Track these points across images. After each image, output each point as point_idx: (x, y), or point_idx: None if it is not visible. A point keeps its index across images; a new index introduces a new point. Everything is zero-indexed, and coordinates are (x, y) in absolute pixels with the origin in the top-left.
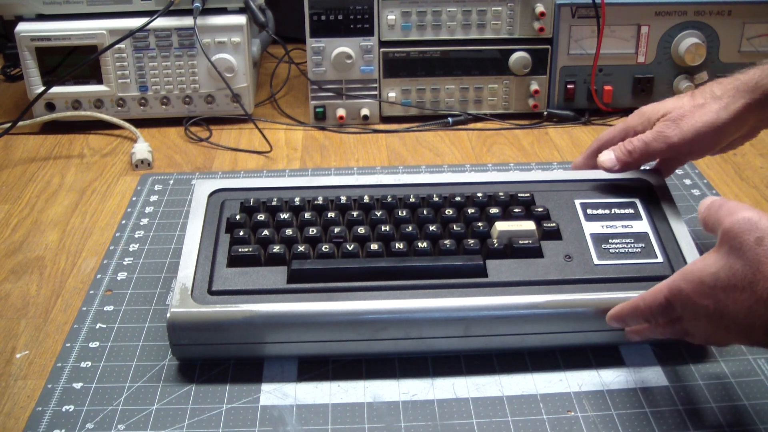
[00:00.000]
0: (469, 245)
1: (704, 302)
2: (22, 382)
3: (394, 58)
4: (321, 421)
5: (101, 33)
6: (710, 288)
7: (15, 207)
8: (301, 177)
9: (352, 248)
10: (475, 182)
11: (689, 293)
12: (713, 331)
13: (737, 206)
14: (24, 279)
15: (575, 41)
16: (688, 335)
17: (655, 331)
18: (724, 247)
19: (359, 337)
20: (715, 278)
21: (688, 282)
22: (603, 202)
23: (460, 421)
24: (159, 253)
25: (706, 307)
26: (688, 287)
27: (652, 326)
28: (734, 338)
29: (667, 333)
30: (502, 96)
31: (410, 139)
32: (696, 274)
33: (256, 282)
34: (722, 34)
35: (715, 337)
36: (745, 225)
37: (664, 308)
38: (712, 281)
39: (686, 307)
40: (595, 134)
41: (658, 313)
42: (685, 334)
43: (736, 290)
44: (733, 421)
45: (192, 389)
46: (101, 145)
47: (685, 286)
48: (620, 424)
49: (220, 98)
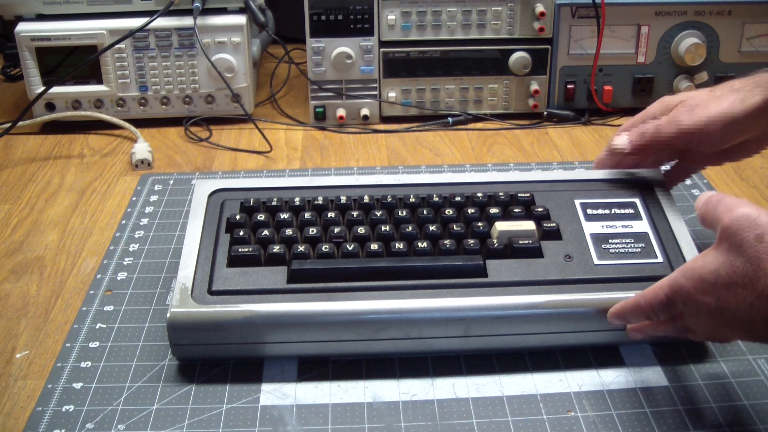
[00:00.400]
0: (469, 245)
1: (705, 299)
2: (22, 382)
3: (394, 58)
4: (321, 421)
5: (101, 33)
6: (711, 285)
7: (15, 207)
8: (301, 177)
9: (352, 248)
10: (475, 182)
11: (690, 290)
12: (715, 327)
13: (735, 202)
14: (24, 279)
15: (575, 41)
16: (690, 332)
17: (656, 328)
18: (723, 245)
19: (359, 337)
20: (716, 275)
21: (688, 279)
22: (603, 202)
23: (460, 421)
24: (159, 253)
25: (708, 304)
26: (689, 284)
27: (654, 323)
28: (736, 334)
29: (668, 330)
30: (502, 96)
31: (410, 139)
32: (696, 271)
33: (256, 282)
34: (722, 34)
35: (717, 334)
36: (745, 222)
37: (665, 305)
38: (712, 278)
39: (687, 304)
40: (595, 134)
41: (659, 311)
42: (686, 330)
43: (737, 287)
44: (733, 421)
45: (192, 389)
46: (101, 145)
47: (685, 284)
48: (620, 424)
49: (220, 98)
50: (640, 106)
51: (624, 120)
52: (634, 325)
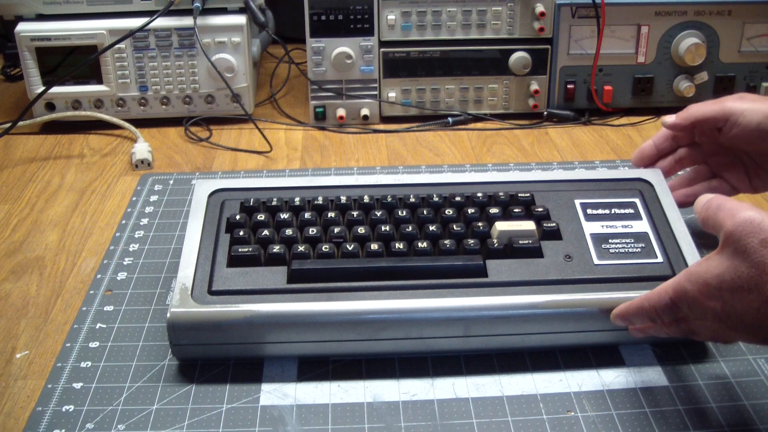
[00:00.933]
0: (469, 245)
1: (711, 303)
2: (22, 382)
3: (394, 58)
4: (321, 421)
5: (101, 33)
6: (716, 290)
7: (15, 207)
8: (301, 177)
9: (352, 248)
10: (475, 182)
11: (695, 294)
12: (720, 330)
13: (737, 206)
14: (24, 279)
15: (575, 41)
16: (694, 334)
17: (660, 330)
18: (727, 250)
19: (359, 337)
20: (720, 280)
21: (693, 284)
22: (603, 202)
23: (460, 421)
24: (159, 253)
25: (713, 308)
26: (694, 289)
27: (657, 325)
28: (741, 337)
29: (671, 332)
30: (502, 96)
31: (410, 139)
32: (701, 275)
33: (256, 282)
34: (722, 34)
35: (721, 336)
36: (749, 227)
37: (669, 309)
38: (717, 283)
39: (692, 308)
40: (595, 134)
41: (663, 313)
42: (690, 332)
43: (743, 292)
44: (733, 421)
45: (192, 389)
46: (101, 145)
47: (690, 288)
48: (620, 424)
49: (220, 98)
50: (640, 106)
51: (624, 120)
52: (636, 328)
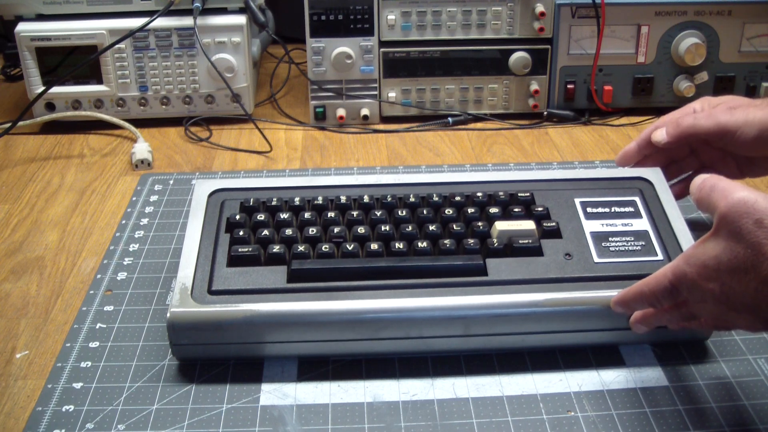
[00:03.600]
0: (469, 245)
1: (709, 285)
2: (22, 382)
3: (394, 58)
4: (321, 421)
5: (101, 33)
6: (714, 271)
7: (15, 207)
8: (301, 177)
9: (352, 248)
10: (475, 182)
11: (694, 277)
12: (720, 312)
13: (730, 187)
14: (24, 279)
15: (575, 41)
16: (695, 318)
17: (660, 316)
18: (722, 231)
19: (359, 337)
20: (718, 261)
21: (691, 266)
22: (603, 201)
23: (460, 421)
24: (159, 253)
25: (712, 290)
26: (693, 271)
27: (658, 311)
28: (742, 318)
29: (673, 317)
30: (502, 96)
31: (410, 139)
32: (699, 257)
33: (256, 282)
34: (722, 34)
35: (722, 319)
36: (742, 207)
37: (669, 292)
38: (714, 264)
39: (692, 291)
40: (595, 134)
41: (663, 297)
42: (691, 317)
43: (740, 273)
44: (733, 421)
45: (192, 389)
46: (101, 145)
47: (689, 270)
48: (620, 424)
49: (220, 98)
50: (640, 107)
51: (624, 120)
52: (637, 316)
